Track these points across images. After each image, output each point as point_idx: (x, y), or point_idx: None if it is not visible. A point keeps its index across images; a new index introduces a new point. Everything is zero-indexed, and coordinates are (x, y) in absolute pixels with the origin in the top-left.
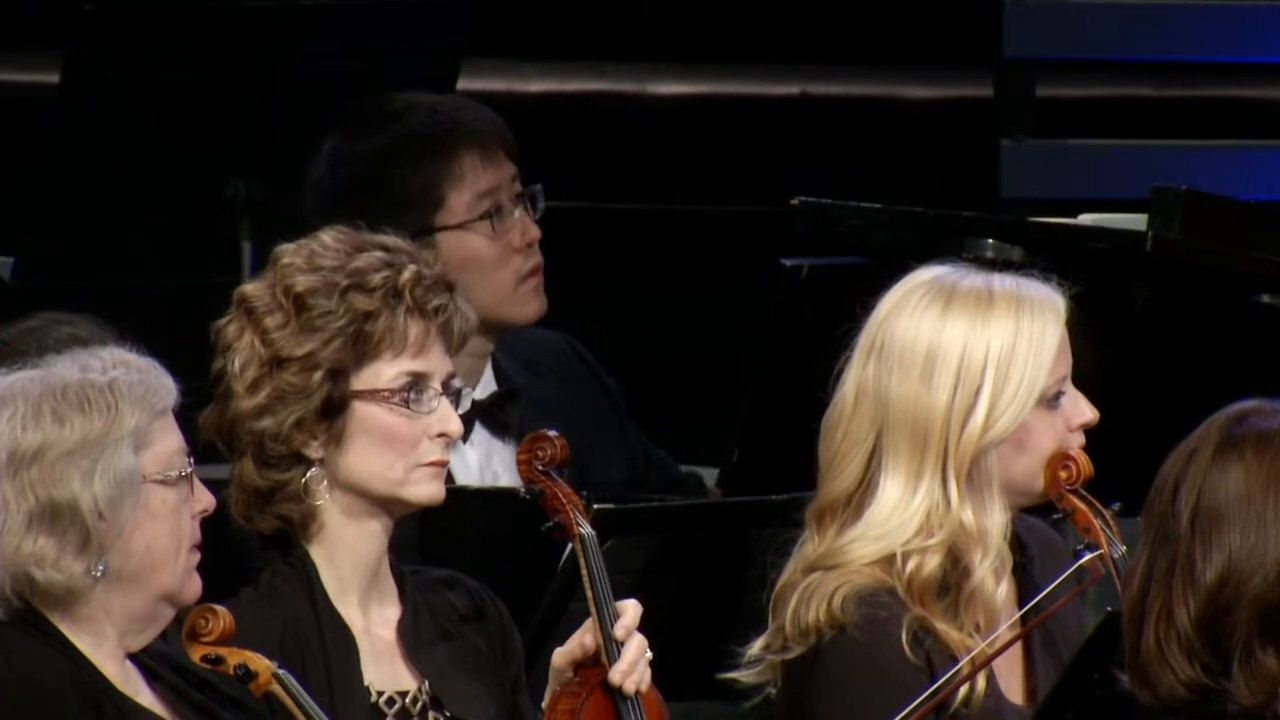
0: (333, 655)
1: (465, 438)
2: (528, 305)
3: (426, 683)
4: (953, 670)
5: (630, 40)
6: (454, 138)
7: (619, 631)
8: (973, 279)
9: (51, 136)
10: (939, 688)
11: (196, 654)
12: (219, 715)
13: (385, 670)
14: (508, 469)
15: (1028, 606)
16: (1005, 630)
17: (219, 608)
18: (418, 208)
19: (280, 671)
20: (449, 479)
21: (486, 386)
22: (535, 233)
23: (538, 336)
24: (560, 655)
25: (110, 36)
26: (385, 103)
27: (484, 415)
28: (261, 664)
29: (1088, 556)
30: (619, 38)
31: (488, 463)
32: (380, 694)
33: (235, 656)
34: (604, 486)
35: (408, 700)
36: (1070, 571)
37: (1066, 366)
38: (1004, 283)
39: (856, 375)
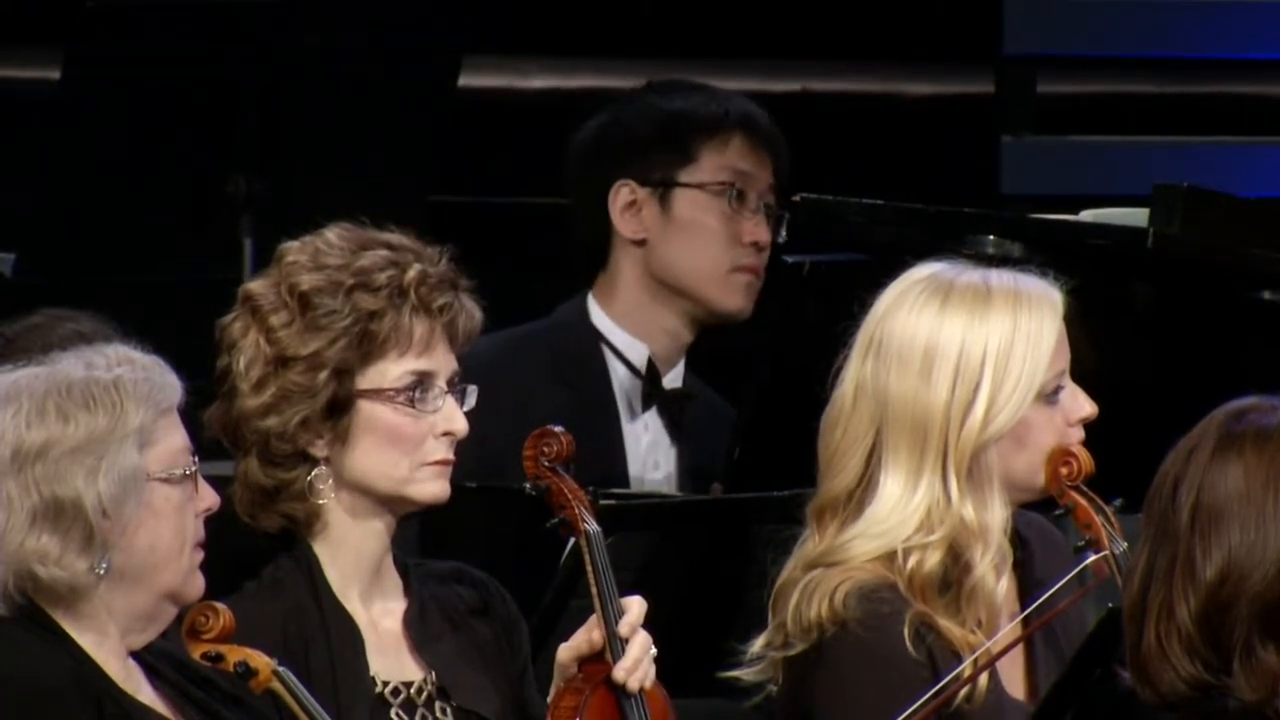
0: (337, 645)
1: (641, 410)
2: (735, 295)
3: (433, 673)
4: (955, 672)
5: (631, 37)
6: (734, 119)
7: (623, 628)
8: (970, 275)
9: (53, 133)
10: (941, 689)
11: (197, 651)
12: (220, 713)
13: (390, 661)
14: (669, 463)
15: (1031, 608)
16: (1007, 627)
17: (219, 605)
18: (669, 157)
19: (280, 669)
20: (620, 443)
21: (675, 379)
22: (766, 238)
23: (716, 401)
24: (565, 651)
25: (111, 33)
26: (698, 82)
27: (664, 406)
28: (261, 661)
29: (1093, 558)
30: (620, 34)
31: (653, 450)
32: (386, 684)
33: (235, 654)
34: None
35: (413, 690)
36: (1075, 572)
37: (1065, 361)
38: (1001, 278)
39: (855, 372)
